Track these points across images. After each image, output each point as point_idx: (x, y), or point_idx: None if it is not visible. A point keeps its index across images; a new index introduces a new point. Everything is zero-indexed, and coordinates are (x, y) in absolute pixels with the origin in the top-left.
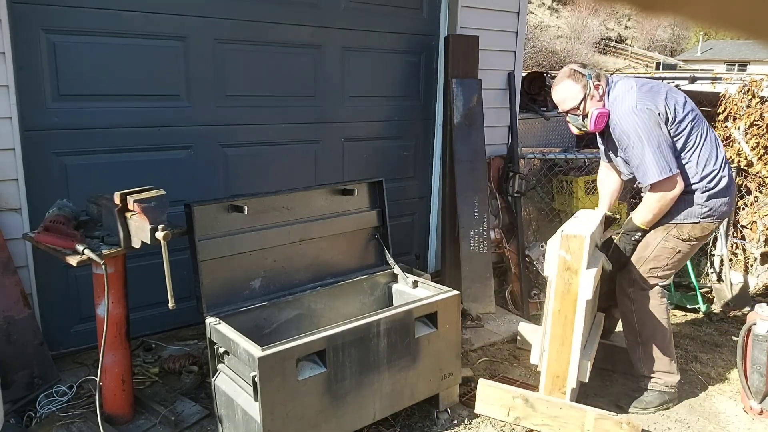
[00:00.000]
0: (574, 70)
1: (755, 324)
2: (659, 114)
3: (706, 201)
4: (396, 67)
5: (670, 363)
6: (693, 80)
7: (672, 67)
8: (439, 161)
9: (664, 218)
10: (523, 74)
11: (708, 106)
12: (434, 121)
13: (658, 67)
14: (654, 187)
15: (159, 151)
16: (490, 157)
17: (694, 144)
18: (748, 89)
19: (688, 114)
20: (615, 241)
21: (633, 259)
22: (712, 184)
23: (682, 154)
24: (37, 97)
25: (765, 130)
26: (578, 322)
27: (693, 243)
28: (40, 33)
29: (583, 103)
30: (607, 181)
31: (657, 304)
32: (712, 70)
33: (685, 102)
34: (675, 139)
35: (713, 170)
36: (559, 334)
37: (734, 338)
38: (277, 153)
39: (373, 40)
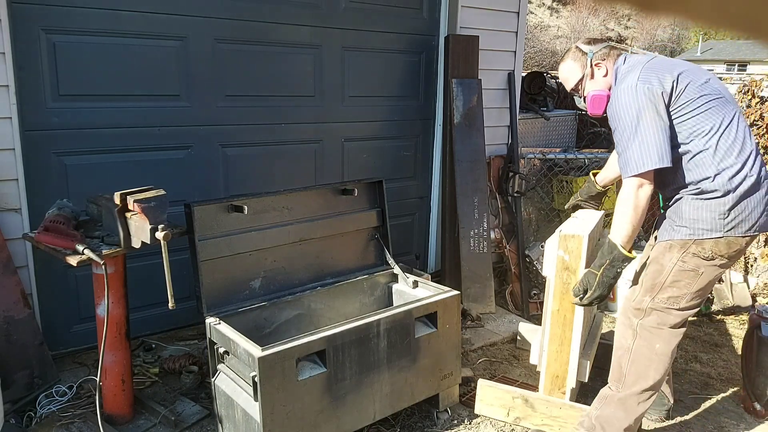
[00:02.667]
0: (577, 47)
1: (760, 326)
2: (662, 93)
3: (730, 209)
4: (396, 67)
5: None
6: None
7: None
8: (439, 161)
9: (677, 232)
10: (523, 74)
11: None
12: (434, 121)
13: None
14: (636, 181)
15: (159, 151)
16: (490, 157)
17: (711, 129)
18: (748, 89)
19: (707, 94)
20: (597, 276)
21: (644, 285)
22: (733, 183)
23: (695, 140)
24: (37, 97)
25: (765, 130)
26: (577, 322)
27: (721, 263)
28: (40, 33)
29: (581, 82)
30: (613, 161)
31: (667, 360)
32: (712, 70)
33: (707, 81)
34: (680, 118)
35: (734, 164)
36: (558, 334)
37: (734, 338)
38: (277, 153)
39: (373, 40)
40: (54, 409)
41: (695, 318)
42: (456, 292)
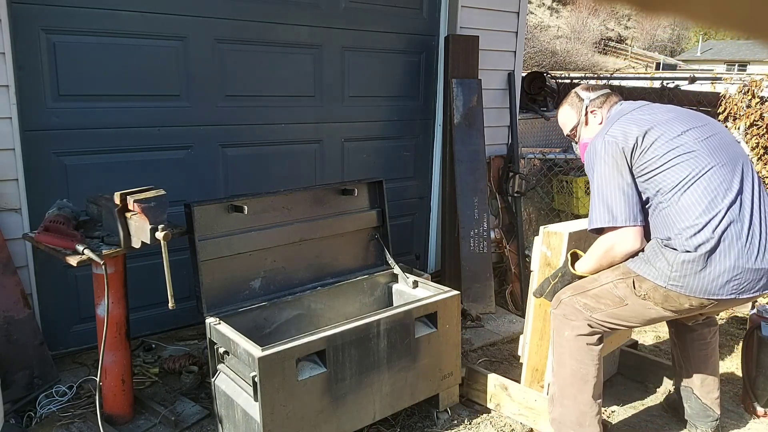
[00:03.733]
0: (575, 93)
1: (760, 326)
2: (623, 149)
3: (681, 264)
4: (396, 67)
5: (583, 427)
6: (693, 80)
7: (672, 67)
8: (439, 161)
9: (630, 263)
10: (523, 74)
11: (708, 106)
12: (434, 121)
13: (658, 67)
14: (603, 235)
15: (159, 151)
16: (490, 157)
17: (675, 186)
18: (748, 89)
19: (678, 147)
20: (551, 284)
21: (574, 284)
22: (689, 244)
23: (658, 197)
24: (37, 97)
25: (765, 130)
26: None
27: (651, 308)
28: (40, 33)
29: (575, 129)
30: None
31: (579, 344)
32: (712, 70)
33: (683, 133)
34: (646, 175)
35: (695, 224)
36: (539, 328)
37: (734, 338)
38: (277, 153)
39: (373, 40)
40: (54, 409)
41: None
42: (456, 292)
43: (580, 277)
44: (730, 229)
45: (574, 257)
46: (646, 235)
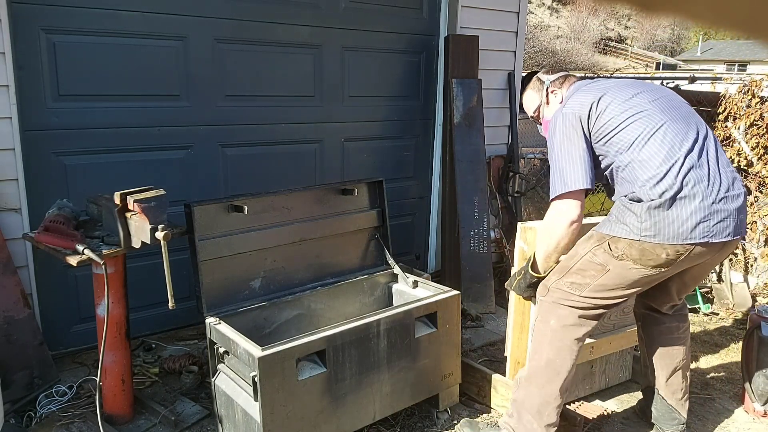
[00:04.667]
0: (536, 77)
1: (760, 326)
2: (581, 117)
3: (645, 212)
4: (396, 67)
5: (542, 417)
6: (693, 80)
7: (672, 67)
8: (439, 161)
9: (602, 225)
10: (523, 74)
11: (708, 106)
12: (434, 121)
13: (658, 67)
14: (554, 206)
15: (159, 151)
16: (490, 157)
17: (633, 143)
18: (748, 89)
19: (630, 109)
20: (516, 280)
21: (558, 266)
22: (653, 193)
23: (619, 156)
24: (37, 97)
25: (765, 130)
26: (533, 309)
27: (632, 268)
28: (40, 33)
29: (538, 110)
30: None
31: (561, 335)
32: (712, 70)
33: (634, 96)
34: (604, 138)
35: (656, 174)
36: (519, 322)
37: (734, 338)
38: (277, 153)
39: (373, 40)
40: (54, 409)
41: (695, 318)
42: (456, 292)
43: (540, 277)
44: (691, 173)
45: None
46: (609, 194)
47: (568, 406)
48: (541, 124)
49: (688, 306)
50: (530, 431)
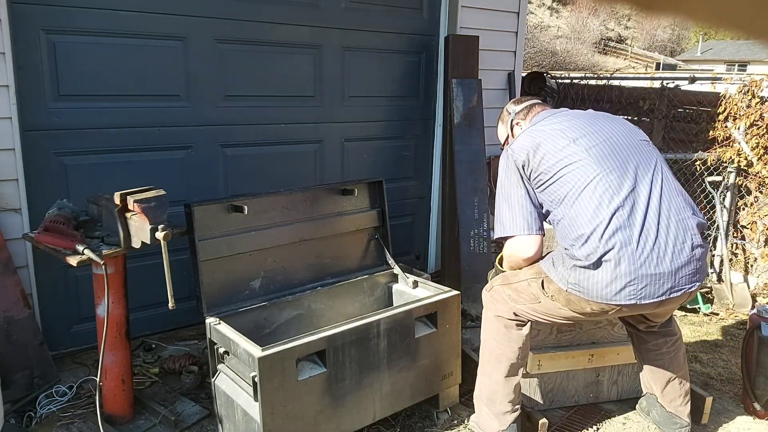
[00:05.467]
0: (505, 109)
1: (760, 327)
2: (516, 162)
3: (571, 268)
4: (396, 67)
5: (494, 404)
6: (693, 80)
7: (672, 67)
8: (439, 161)
9: (546, 260)
10: (523, 74)
11: (708, 106)
12: (434, 121)
13: (658, 67)
14: (508, 244)
15: (159, 151)
16: (490, 158)
17: (564, 198)
18: (748, 89)
19: (563, 159)
20: (492, 273)
21: (504, 275)
22: (579, 253)
23: (554, 209)
24: (37, 97)
25: (765, 130)
26: None
27: (561, 308)
28: (40, 33)
29: (506, 142)
30: None
31: (497, 325)
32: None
33: (574, 141)
34: (540, 188)
35: (582, 234)
36: None
37: (734, 338)
38: (277, 153)
39: (373, 40)
40: (54, 409)
41: (695, 318)
42: (456, 292)
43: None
44: (617, 235)
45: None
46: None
47: (561, 410)
48: None
49: (689, 306)
50: (486, 421)
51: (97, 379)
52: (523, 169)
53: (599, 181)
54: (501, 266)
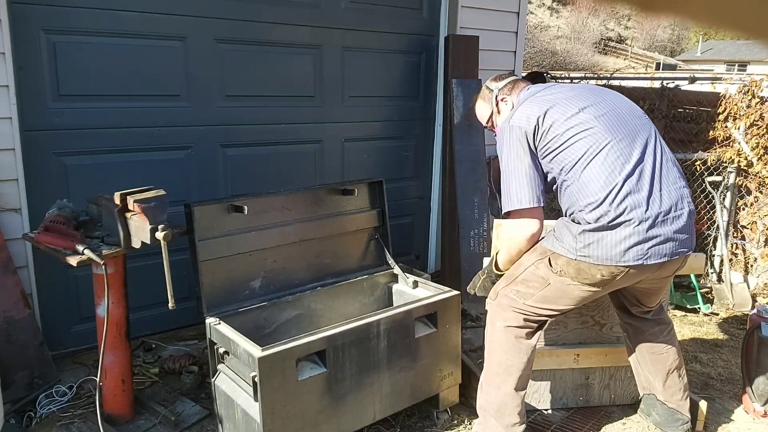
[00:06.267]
0: (485, 86)
1: (760, 327)
2: (526, 132)
3: (580, 234)
4: (396, 67)
5: (503, 417)
6: (693, 80)
7: (672, 67)
8: (439, 161)
9: (547, 239)
10: (524, 74)
11: (708, 106)
12: (434, 121)
13: (658, 67)
14: (512, 222)
15: (159, 151)
16: (490, 158)
17: (576, 163)
18: (748, 89)
19: (575, 126)
20: (480, 279)
21: (506, 274)
22: (589, 217)
23: (563, 174)
24: (37, 97)
25: (765, 130)
26: None
27: (570, 284)
28: (40, 33)
29: (491, 119)
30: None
31: (507, 336)
32: (712, 70)
33: (580, 111)
34: (550, 155)
35: (595, 200)
36: None
37: (734, 338)
38: (277, 153)
39: (373, 40)
40: (54, 410)
41: (695, 318)
42: (456, 292)
43: (501, 274)
44: (627, 199)
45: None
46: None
47: (561, 410)
48: (494, 132)
49: (689, 306)
50: None
51: (97, 379)
52: (533, 136)
53: (611, 148)
54: (497, 269)
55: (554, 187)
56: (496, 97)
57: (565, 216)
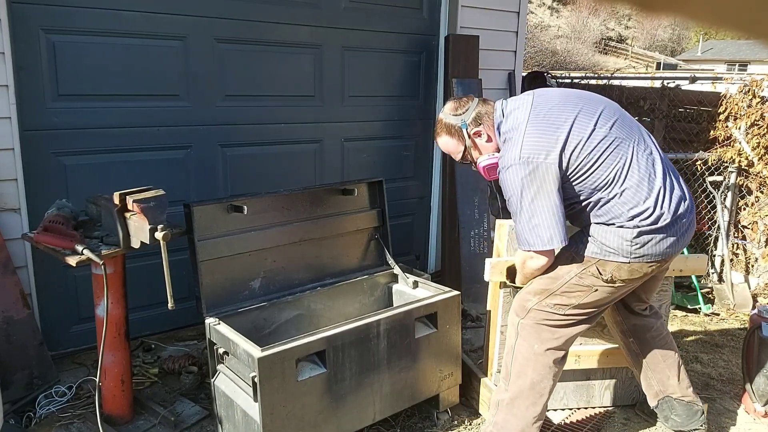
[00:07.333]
0: (446, 122)
1: (760, 327)
2: (551, 164)
3: (637, 237)
4: (396, 67)
5: None
6: (693, 80)
7: (672, 67)
8: (439, 161)
9: (585, 246)
10: (524, 74)
11: (708, 106)
12: (434, 121)
13: (658, 67)
14: (530, 256)
15: (159, 151)
16: None
17: (613, 179)
18: (749, 89)
19: (600, 142)
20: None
21: (534, 287)
22: (647, 222)
23: (597, 193)
24: (36, 97)
25: (766, 130)
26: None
27: (617, 285)
28: (40, 33)
29: (465, 155)
30: None
31: (545, 359)
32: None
33: (596, 123)
34: (579, 179)
35: (647, 209)
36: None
37: (735, 338)
38: (277, 153)
39: (373, 40)
40: (53, 410)
41: (696, 318)
42: (456, 292)
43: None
44: (669, 198)
45: (510, 272)
46: (578, 223)
47: (561, 411)
48: (475, 167)
49: (689, 306)
50: None
51: (97, 380)
52: (558, 166)
53: (636, 153)
54: (510, 281)
55: (578, 205)
56: (467, 132)
57: (604, 224)
